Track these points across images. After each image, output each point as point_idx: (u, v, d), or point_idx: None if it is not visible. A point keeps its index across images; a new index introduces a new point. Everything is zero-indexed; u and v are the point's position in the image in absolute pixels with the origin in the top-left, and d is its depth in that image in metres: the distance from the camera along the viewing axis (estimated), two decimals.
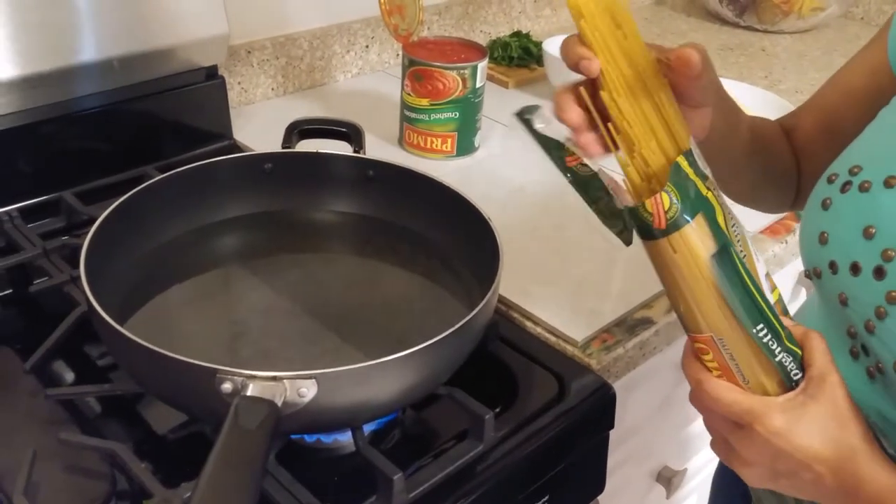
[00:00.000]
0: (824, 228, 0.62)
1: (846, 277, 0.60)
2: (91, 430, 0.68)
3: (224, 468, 0.49)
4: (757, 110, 1.24)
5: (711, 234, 0.52)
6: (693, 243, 0.52)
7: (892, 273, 0.57)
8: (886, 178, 0.59)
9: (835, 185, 0.63)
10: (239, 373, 0.55)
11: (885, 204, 0.58)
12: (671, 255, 0.53)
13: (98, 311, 0.61)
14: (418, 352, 0.60)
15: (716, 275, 0.53)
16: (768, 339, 0.54)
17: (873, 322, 0.58)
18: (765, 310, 0.54)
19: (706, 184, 0.54)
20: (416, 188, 0.83)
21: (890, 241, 0.57)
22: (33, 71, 0.86)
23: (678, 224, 0.52)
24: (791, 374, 0.56)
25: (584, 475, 0.79)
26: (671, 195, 0.52)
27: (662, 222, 0.52)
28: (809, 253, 0.65)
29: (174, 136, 1.02)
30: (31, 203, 0.90)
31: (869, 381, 0.61)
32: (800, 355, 0.56)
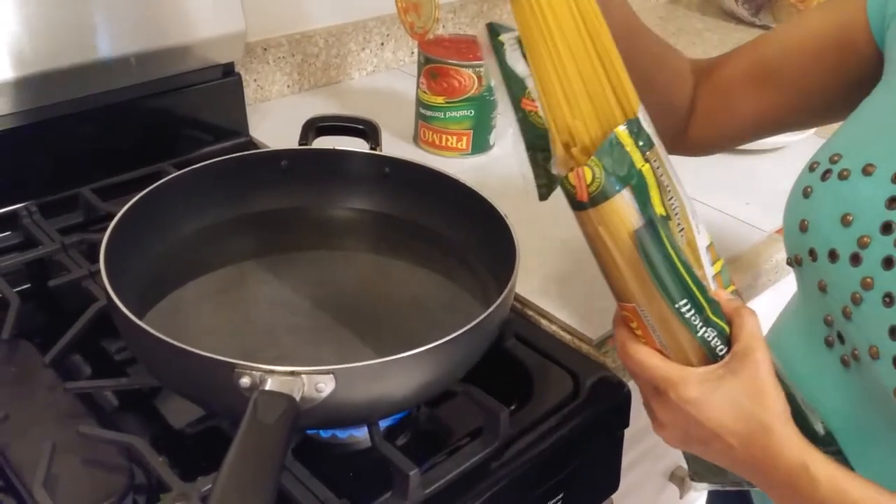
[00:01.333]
0: (805, 216, 0.63)
1: (825, 264, 0.61)
2: (109, 423, 0.68)
3: (244, 462, 0.49)
4: None
5: (637, 209, 0.53)
6: (616, 217, 0.53)
7: (867, 259, 0.58)
8: (864, 166, 0.60)
9: (816, 173, 0.64)
10: (258, 367, 0.55)
11: (862, 191, 0.59)
12: (595, 227, 0.54)
13: (118, 305, 0.61)
14: (435, 349, 0.60)
15: (639, 249, 0.53)
16: (691, 314, 0.55)
17: (850, 308, 0.59)
18: (690, 285, 0.55)
19: (646, 155, 0.54)
20: (432, 185, 0.83)
21: (866, 227, 0.58)
22: (51, 68, 0.87)
23: (599, 199, 0.52)
24: (716, 349, 0.57)
25: (598, 473, 0.79)
26: (594, 169, 0.52)
27: (584, 195, 0.52)
28: (791, 241, 0.66)
29: (191, 132, 1.03)
30: (49, 199, 0.91)
31: (843, 369, 0.62)
32: (727, 331, 0.58)
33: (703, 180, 1.09)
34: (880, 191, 0.58)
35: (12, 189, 0.89)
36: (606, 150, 0.53)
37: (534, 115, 0.63)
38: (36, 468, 0.60)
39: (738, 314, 0.58)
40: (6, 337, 0.73)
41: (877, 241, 0.57)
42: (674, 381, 0.57)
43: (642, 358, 0.59)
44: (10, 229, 0.88)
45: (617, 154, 0.53)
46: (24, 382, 0.70)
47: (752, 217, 1.02)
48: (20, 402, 0.67)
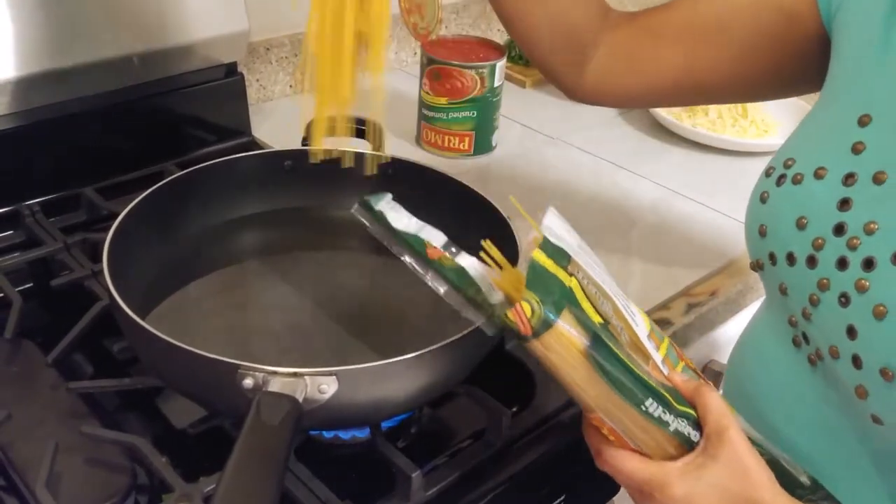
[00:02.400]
0: (763, 221, 0.64)
1: (784, 268, 0.62)
2: (111, 423, 0.68)
3: (247, 463, 0.49)
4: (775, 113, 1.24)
5: (581, 327, 0.52)
6: (564, 341, 0.52)
7: (822, 261, 0.58)
8: (816, 170, 0.60)
9: (771, 178, 0.64)
10: (261, 368, 0.55)
11: (815, 194, 0.60)
12: (545, 354, 0.52)
13: (121, 305, 0.61)
14: (437, 350, 0.60)
15: (593, 365, 0.52)
16: (659, 411, 0.54)
17: (809, 309, 0.60)
18: (649, 383, 0.54)
19: (568, 269, 0.54)
20: (435, 186, 0.83)
21: (819, 230, 0.59)
22: (55, 67, 0.87)
23: (541, 330, 0.51)
24: (689, 436, 0.55)
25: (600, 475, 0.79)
26: (531, 302, 0.51)
27: (528, 329, 0.51)
28: (752, 246, 0.66)
29: (193, 132, 1.03)
30: (52, 198, 0.91)
31: (811, 368, 0.62)
32: (694, 415, 0.56)
33: (702, 182, 1.09)
34: (832, 193, 0.58)
35: (15, 188, 0.89)
36: (532, 278, 0.52)
37: (444, 259, 0.63)
38: (38, 468, 0.60)
39: (699, 394, 0.56)
40: (9, 336, 0.73)
41: (830, 243, 0.58)
42: (657, 482, 0.55)
43: (620, 463, 0.56)
44: (13, 228, 0.88)
45: (543, 280, 0.52)
46: (27, 382, 0.70)
47: None
48: (23, 401, 0.67)
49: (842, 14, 0.64)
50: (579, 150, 1.15)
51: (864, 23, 0.61)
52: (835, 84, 0.64)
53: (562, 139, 1.17)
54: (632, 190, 1.06)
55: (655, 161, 1.14)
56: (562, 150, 1.15)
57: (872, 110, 0.58)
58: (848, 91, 0.62)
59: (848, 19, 0.63)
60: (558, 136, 1.17)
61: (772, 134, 1.20)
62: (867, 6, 0.61)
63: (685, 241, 0.96)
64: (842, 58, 0.64)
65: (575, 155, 1.14)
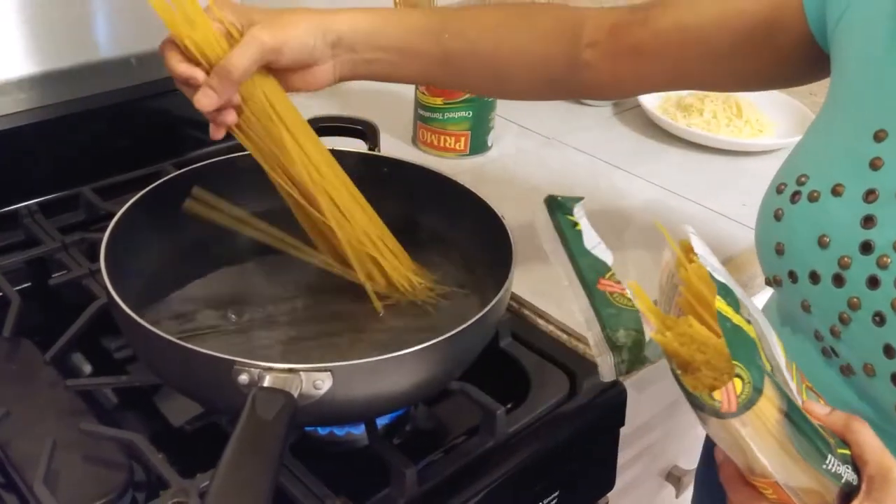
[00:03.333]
0: (780, 239, 0.63)
1: (806, 286, 0.61)
2: (108, 421, 0.69)
3: (242, 457, 0.50)
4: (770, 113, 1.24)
5: (777, 395, 0.47)
6: (764, 413, 0.47)
7: (850, 280, 0.58)
8: (833, 187, 0.60)
9: (784, 195, 0.63)
10: (256, 364, 0.56)
11: (834, 213, 0.59)
12: (739, 430, 0.47)
13: (118, 302, 0.62)
14: (431, 347, 0.61)
15: (788, 432, 0.48)
16: (835, 466, 0.51)
17: (838, 328, 0.59)
18: (826, 438, 0.50)
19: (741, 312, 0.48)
20: (430, 186, 0.83)
21: (844, 248, 0.58)
22: (52, 68, 0.88)
23: (751, 403, 0.46)
24: (852, 482, 0.52)
25: (594, 472, 0.80)
26: (742, 375, 0.45)
27: (733, 406, 0.45)
28: (768, 263, 0.66)
29: (191, 132, 1.03)
30: (50, 198, 0.91)
31: (844, 378, 0.62)
32: (849, 454, 0.52)
33: (697, 182, 1.10)
34: (853, 211, 0.58)
35: (13, 188, 0.90)
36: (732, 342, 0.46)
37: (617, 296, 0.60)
38: (36, 465, 0.60)
39: (850, 430, 0.52)
40: (7, 335, 0.74)
41: (858, 262, 0.57)
42: None
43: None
44: (11, 228, 0.89)
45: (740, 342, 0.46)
46: (25, 380, 0.70)
47: (748, 218, 1.02)
48: (21, 399, 0.68)
49: (843, 27, 0.64)
50: (575, 150, 1.16)
51: (868, 35, 0.61)
52: (841, 95, 0.64)
53: (557, 139, 1.18)
54: (627, 189, 1.07)
55: (651, 161, 1.14)
56: (557, 150, 1.16)
57: (888, 125, 0.58)
58: (857, 104, 0.62)
59: (850, 32, 0.63)
60: (554, 137, 1.18)
61: (767, 134, 1.21)
62: (870, 19, 0.61)
63: None
64: (846, 69, 0.63)
65: (571, 155, 1.15)
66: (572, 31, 0.74)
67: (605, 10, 0.75)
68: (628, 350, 0.66)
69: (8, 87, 0.85)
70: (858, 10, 0.62)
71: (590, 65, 0.75)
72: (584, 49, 0.74)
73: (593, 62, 0.75)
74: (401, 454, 0.64)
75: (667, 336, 0.49)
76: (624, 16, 0.74)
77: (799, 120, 1.22)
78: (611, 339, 0.66)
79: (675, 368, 0.49)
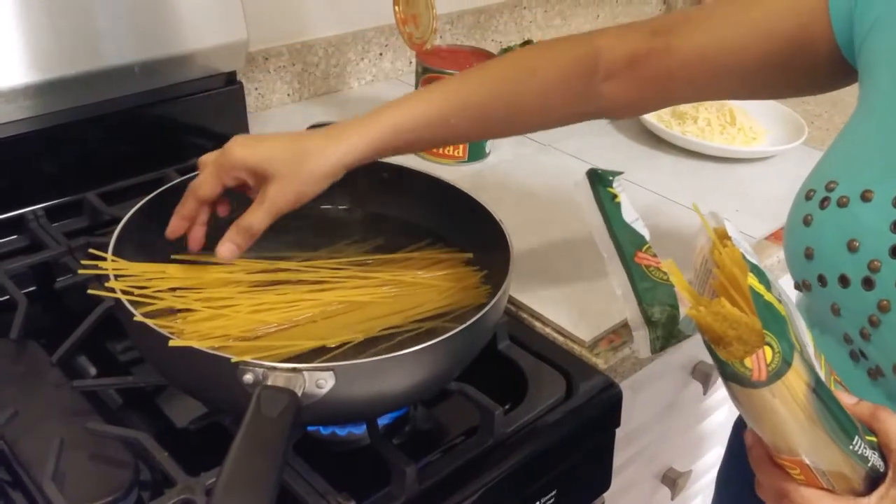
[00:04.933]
0: (809, 244, 0.64)
1: (836, 289, 0.62)
2: (114, 421, 0.70)
3: (247, 454, 0.51)
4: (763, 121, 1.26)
5: (806, 370, 0.49)
6: (794, 385, 0.48)
7: (880, 283, 0.59)
8: (862, 192, 0.61)
9: (813, 201, 0.64)
10: (260, 364, 0.57)
11: (864, 217, 0.60)
12: (769, 401, 0.49)
13: (124, 303, 0.63)
14: (430, 347, 0.62)
15: (815, 407, 0.49)
16: (862, 448, 0.52)
17: (868, 330, 0.60)
18: (853, 420, 0.52)
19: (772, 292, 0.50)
20: (429, 191, 0.85)
21: (874, 252, 0.59)
22: (57, 75, 0.89)
23: (780, 373, 0.47)
24: (879, 467, 0.54)
25: (590, 472, 0.81)
26: (773, 345, 0.47)
27: (763, 375, 0.47)
28: (797, 267, 0.67)
29: (193, 139, 1.05)
30: (55, 203, 0.93)
31: (872, 381, 0.63)
32: (876, 442, 0.54)
33: (695, 188, 1.12)
34: (883, 215, 0.59)
35: (19, 194, 0.91)
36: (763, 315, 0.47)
37: (653, 269, 0.61)
38: (44, 463, 0.62)
39: (877, 419, 0.54)
40: (14, 337, 0.75)
41: (887, 265, 0.58)
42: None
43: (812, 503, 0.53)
44: (18, 233, 0.90)
45: (771, 316, 0.48)
46: (32, 381, 0.71)
47: (742, 223, 1.03)
48: (28, 399, 0.69)
49: (871, 40, 0.64)
50: (571, 156, 1.17)
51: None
52: (871, 105, 0.65)
53: (553, 146, 1.19)
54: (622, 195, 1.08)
55: (646, 167, 1.16)
56: (554, 156, 1.17)
57: None
58: (887, 113, 0.63)
59: (879, 45, 0.64)
60: (550, 143, 1.20)
61: (760, 141, 1.23)
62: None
63: (675, 244, 0.98)
64: (877, 80, 0.64)
65: (567, 161, 1.16)
66: (588, 73, 0.73)
67: (617, 36, 0.74)
68: (663, 326, 0.66)
69: (14, 94, 0.87)
70: (886, 26, 0.63)
71: (610, 94, 0.74)
72: (601, 83, 0.73)
73: (615, 92, 0.74)
74: (401, 453, 0.65)
75: (701, 311, 0.50)
76: (641, 43, 0.72)
77: (792, 128, 1.24)
78: (647, 314, 0.66)
79: (707, 341, 0.50)
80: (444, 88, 0.72)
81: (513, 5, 1.51)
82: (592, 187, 0.74)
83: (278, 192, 0.67)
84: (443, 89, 0.72)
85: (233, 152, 0.67)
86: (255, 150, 0.67)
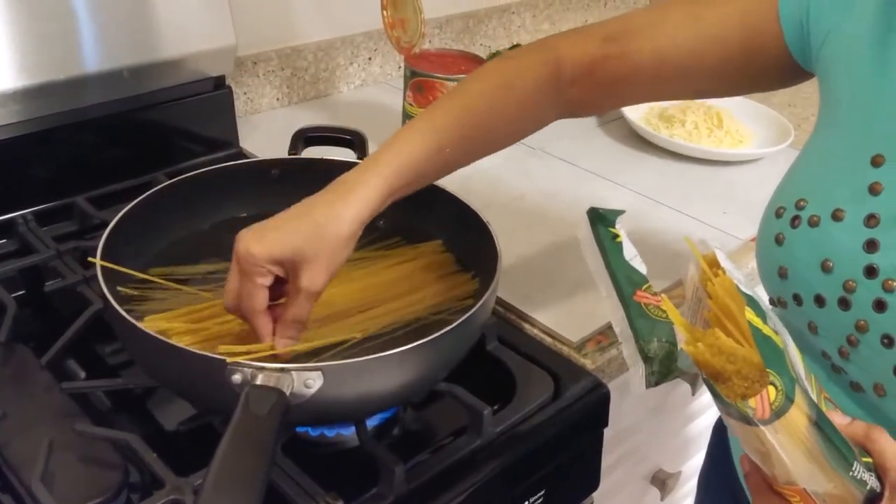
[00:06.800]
0: (782, 263, 0.64)
1: (812, 309, 0.62)
2: (103, 424, 0.70)
3: (235, 452, 0.51)
4: (750, 124, 1.27)
5: (807, 403, 0.48)
6: (795, 421, 0.48)
7: (856, 303, 0.58)
8: (833, 212, 0.60)
9: (784, 219, 0.64)
10: (249, 364, 0.58)
11: (836, 237, 0.60)
12: (772, 438, 0.48)
13: (114, 305, 0.63)
14: (418, 347, 0.62)
15: (817, 440, 0.49)
16: (861, 474, 0.52)
17: (846, 349, 0.60)
18: (850, 446, 0.52)
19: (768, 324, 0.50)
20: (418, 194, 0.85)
21: (848, 272, 0.59)
22: (47, 80, 0.89)
23: (783, 410, 0.47)
24: (875, 488, 0.53)
25: (579, 471, 0.81)
26: (776, 384, 0.47)
27: (767, 413, 0.47)
28: (771, 285, 0.66)
29: (182, 143, 1.05)
30: (44, 207, 0.93)
31: (853, 394, 0.63)
32: (872, 463, 0.53)
33: (682, 191, 1.12)
34: (855, 235, 0.59)
35: (9, 198, 0.91)
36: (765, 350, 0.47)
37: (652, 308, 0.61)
38: (33, 465, 0.62)
39: (870, 439, 0.53)
40: (3, 340, 0.75)
41: (863, 285, 0.58)
42: None
43: None
44: (7, 237, 0.90)
45: (771, 352, 0.47)
46: (21, 384, 0.71)
47: (728, 226, 1.05)
48: (17, 402, 0.69)
49: (827, 52, 0.64)
50: (559, 159, 1.18)
51: (853, 61, 0.62)
52: (832, 119, 0.65)
53: (542, 149, 1.20)
54: (610, 198, 1.09)
55: (633, 170, 1.17)
56: (542, 159, 1.18)
57: (885, 150, 0.58)
58: (850, 129, 0.62)
59: (835, 57, 0.64)
60: (538, 147, 1.20)
61: (746, 144, 1.24)
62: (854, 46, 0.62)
63: (662, 246, 0.99)
64: (836, 93, 0.64)
65: (555, 164, 1.17)
66: (554, 78, 0.74)
67: (577, 40, 0.74)
68: (659, 361, 0.67)
69: (3, 98, 0.87)
70: (841, 37, 0.63)
71: (574, 98, 0.75)
72: (567, 89, 0.74)
73: (578, 96, 0.74)
74: (390, 452, 0.65)
75: (698, 347, 0.49)
76: (598, 49, 0.73)
77: (778, 131, 1.25)
78: (643, 350, 0.66)
79: (706, 378, 0.50)
80: (430, 119, 0.70)
81: (501, 10, 1.52)
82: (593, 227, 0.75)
83: (312, 277, 0.63)
84: (429, 120, 0.70)
85: (251, 252, 0.63)
86: (272, 244, 0.63)
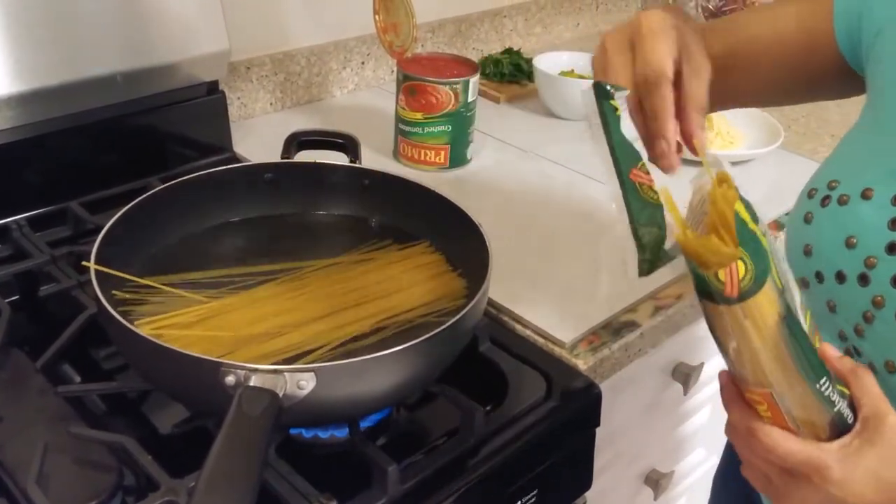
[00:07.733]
0: (808, 241, 0.66)
1: (832, 286, 0.64)
2: (98, 427, 0.70)
3: (229, 452, 0.52)
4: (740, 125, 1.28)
5: (778, 300, 0.50)
6: (764, 309, 0.50)
7: (875, 279, 0.60)
8: (863, 191, 0.62)
9: (815, 199, 0.66)
10: (242, 366, 0.58)
11: (863, 215, 0.62)
12: (739, 321, 0.51)
13: (108, 308, 0.64)
14: (410, 348, 0.63)
15: (784, 336, 0.51)
16: (829, 391, 0.53)
17: (862, 326, 0.62)
18: (824, 365, 0.53)
19: (761, 229, 0.51)
20: (409, 196, 0.86)
21: (871, 248, 0.61)
22: (41, 85, 0.90)
23: (749, 293, 0.49)
24: (847, 418, 0.55)
25: (571, 471, 0.82)
26: (745, 262, 0.49)
27: (735, 291, 0.49)
28: (796, 264, 0.68)
29: (176, 148, 1.06)
30: (38, 212, 0.93)
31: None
32: (848, 395, 0.55)
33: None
34: (881, 213, 0.61)
35: (3, 203, 0.91)
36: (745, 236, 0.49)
37: (646, 188, 0.63)
38: (29, 468, 0.62)
39: (855, 375, 0.55)
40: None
41: (883, 262, 0.60)
42: (815, 465, 0.53)
43: (776, 442, 0.54)
44: (1, 242, 0.91)
45: (750, 240, 0.49)
46: (17, 387, 0.72)
47: None
48: (12, 405, 0.69)
49: (877, 51, 0.67)
50: (552, 162, 1.19)
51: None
52: (874, 112, 0.67)
53: (534, 152, 1.21)
54: (602, 200, 1.10)
55: None
56: (535, 162, 1.19)
57: None
58: (891, 117, 0.64)
59: (884, 53, 0.66)
60: (531, 150, 1.21)
61: (736, 145, 1.24)
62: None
63: None
64: (881, 85, 0.66)
65: (547, 167, 1.17)
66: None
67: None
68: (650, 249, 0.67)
69: None
70: (890, 29, 0.66)
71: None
72: None
73: None
74: (383, 453, 0.66)
75: (687, 235, 0.52)
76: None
77: (768, 132, 1.25)
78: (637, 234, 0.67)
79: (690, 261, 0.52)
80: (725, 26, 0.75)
81: (493, 14, 1.52)
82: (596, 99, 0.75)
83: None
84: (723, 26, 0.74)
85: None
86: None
